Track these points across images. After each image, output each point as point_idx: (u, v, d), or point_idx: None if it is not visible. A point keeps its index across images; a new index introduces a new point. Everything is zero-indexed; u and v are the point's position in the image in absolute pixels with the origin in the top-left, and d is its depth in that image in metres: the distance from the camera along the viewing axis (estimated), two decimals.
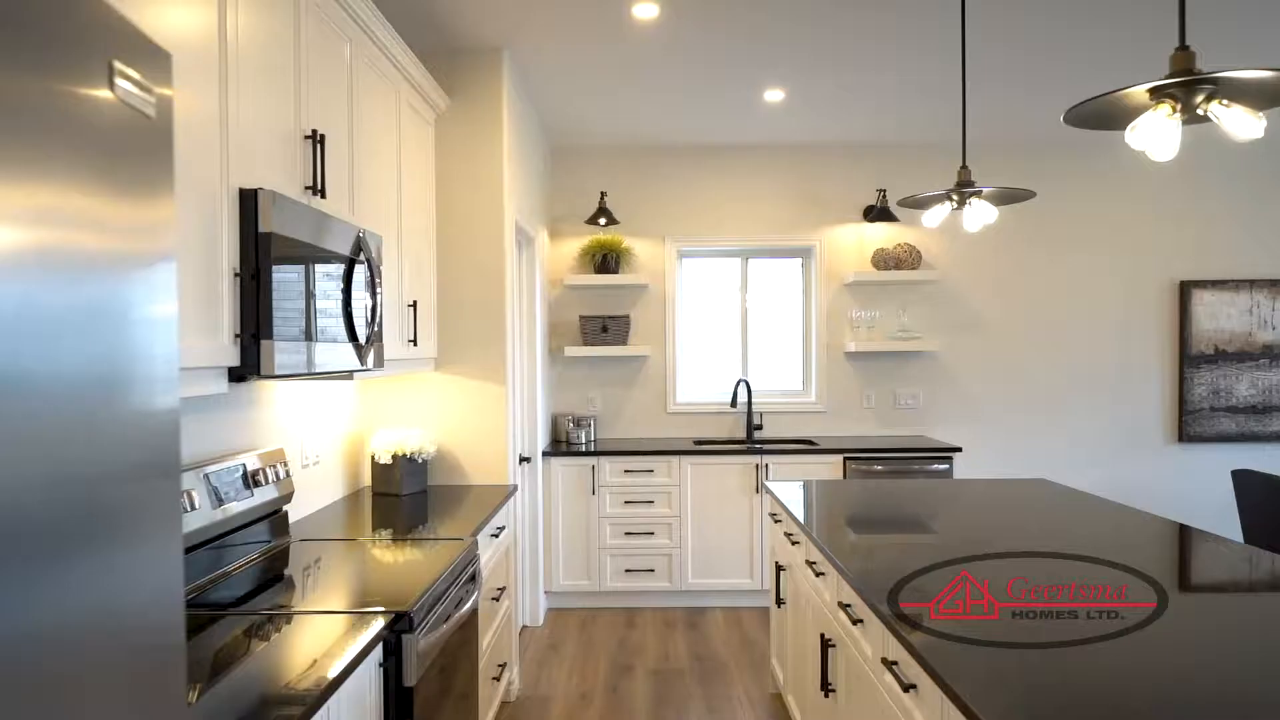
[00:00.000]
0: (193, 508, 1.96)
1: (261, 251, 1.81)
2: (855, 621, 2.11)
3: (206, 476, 2.08)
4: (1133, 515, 2.81)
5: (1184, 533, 2.61)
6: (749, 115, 4.64)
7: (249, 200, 1.80)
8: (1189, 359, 5.26)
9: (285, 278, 1.88)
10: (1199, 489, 5.27)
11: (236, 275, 1.78)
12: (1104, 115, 1.87)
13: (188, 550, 1.96)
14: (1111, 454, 5.32)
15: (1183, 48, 1.77)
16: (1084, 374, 5.33)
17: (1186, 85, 1.72)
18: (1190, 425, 5.27)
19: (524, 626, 4.49)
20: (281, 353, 1.85)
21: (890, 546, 2.48)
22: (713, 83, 4.09)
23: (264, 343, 1.80)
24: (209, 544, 2.06)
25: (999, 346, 5.33)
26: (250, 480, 2.30)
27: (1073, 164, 5.29)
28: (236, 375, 1.82)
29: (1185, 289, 5.28)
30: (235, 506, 2.19)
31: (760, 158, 5.30)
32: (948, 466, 4.70)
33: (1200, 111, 1.74)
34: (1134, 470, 5.31)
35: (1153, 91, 1.77)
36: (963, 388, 5.32)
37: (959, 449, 4.72)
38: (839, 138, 5.12)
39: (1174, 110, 1.75)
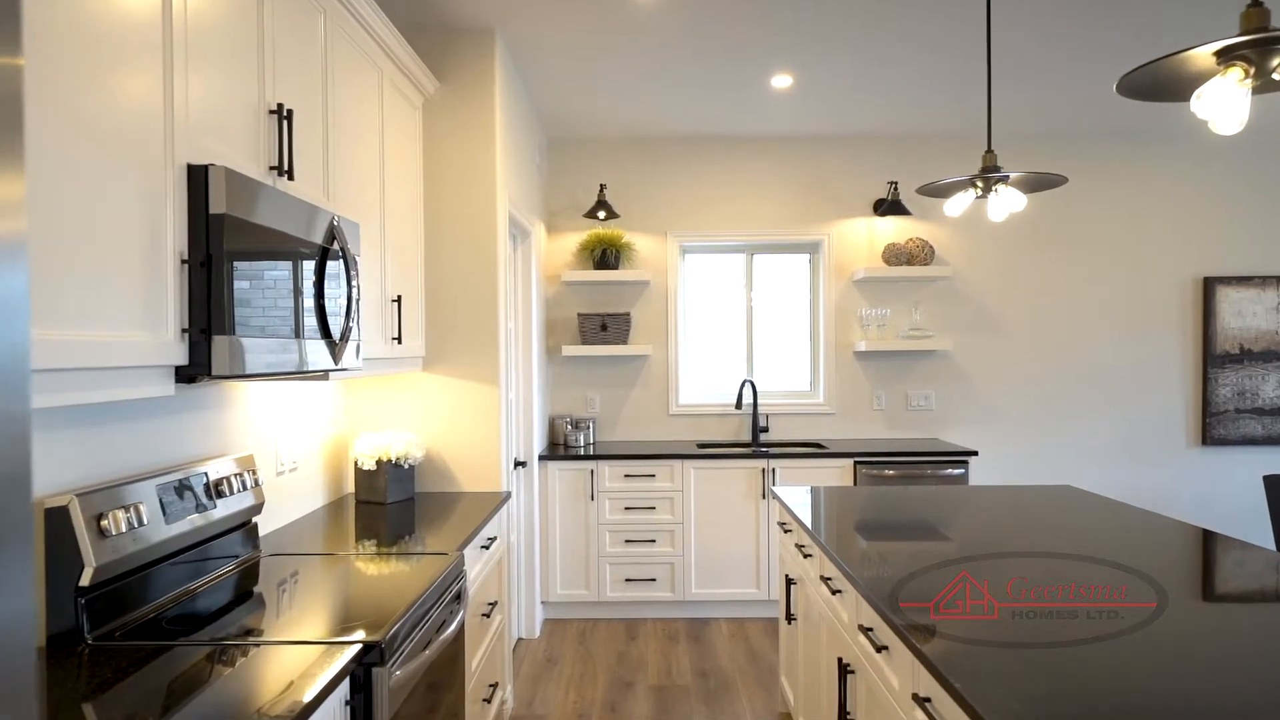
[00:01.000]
0: (140, 523, 1.75)
1: (213, 236, 1.60)
2: (879, 648, 1.91)
3: (160, 488, 1.88)
4: (1170, 524, 2.61)
5: (1209, 538, 2.49)
6: (755, 103, 4.43)
7: (198, 178, 1.59)
8: (1213, 359, 5.05)
9: (243, 266, 1.68)
10: (1224, 494, 5.07)
11: (184, 262, 1.57)
12: (1162, 83, 1.66)
13: (135, 571, 1.76)
14: (1132, 458, 5.11)
15: (1255, 4, 1.56)
16: (1103, 374, 5.12)
17: (1261, 45, 1.51)
18: (1214, 428, 5.05)
19: (519, 639, 4.28)
20: (237, 350, 1.64)
21: (916, 564, 2.27)
22: (717, 67, 3.89)
23: (216, 339, 1.60)
24: (162, 562, 1.85)
25: (1015, 345, 5.12)
26: (213, 490, 2.10)
27: (1091, 156, 5.08)
28: (187, 375, 1.62)
29: (1209, 285, 5.07)
30: (194, 520, 1.98)
31: (766, 149, 5.10)
32: (963, 471, 4.49)
33: (1277, 76, 1.53)
34: (1155, 475, 5.10)
35: (1221, 54, 1.56)
36: (977, 389, 5.12)
37: (975, 453, 4.51)
38: (848, 127, 4.91)
39: (1245, 75, 1.54)
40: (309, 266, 2.02)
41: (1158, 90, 1.70)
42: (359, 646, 1.60)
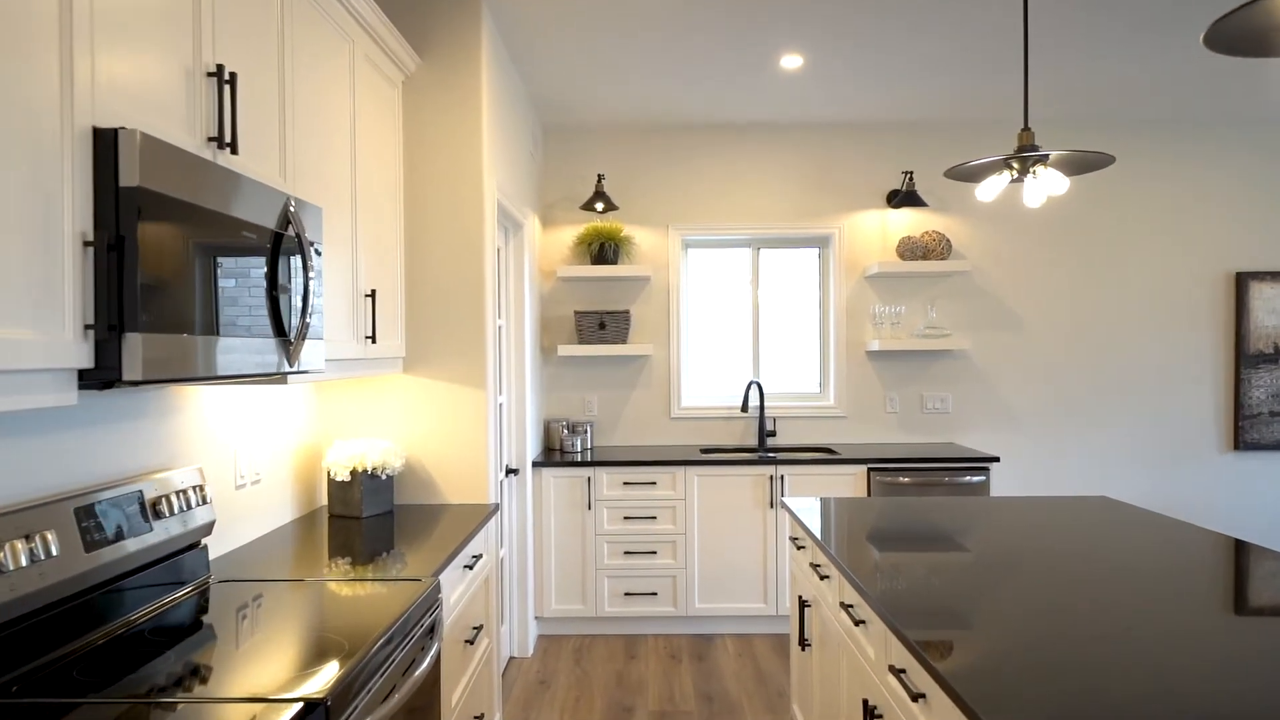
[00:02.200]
0: (49, 554, 1.49)
1: (125, 213, 1.34)
2: (915, 696, 1.64)
3: (80, 511, 1.62)
4: (1218, 539, 2.34)
5: (1240, 548, 2.30)
6: (763, 87, 4.16)
7: (106, 144, 1.33)
8: (1246, 358, 4.78)
9: (166, 250, 1.41)
10: (1258, 502, 4.80)
11: (88, 244, 1.31)
12: (1257, 31, 1.40)
13: (42, 610, 1.49)
14: (1160, 463, 4.84)
15: None
16: (1130, 375, 4.85)
17: None
18: (1247, 431, 4.78)
19: (510, 658, 4.02)
20: (156, 350, 1.38)
21: (958, 601, 2.00)
22: (724, 46, 3.62)
23: (128, 336, 1.33)
24: (80, 598, 1.59)
25: (1037, 344, 4.85)
26: (150, 511, 1.83)
27: (1116, 145, 4.81)
28: (101, 380, 1.36)
29: (1242, 281, 4.79)
30: (125, 546, 1.72)
31: (774, 137, 4.83)
32: (984, 478, 4.22)
33: None
34: (1185, 481, 4.83)
35: None
36: (996, 391, 4.85)
37: (996, 459, 4.24)
38: (860, 114, 4.64)
39: None
40: (260, 253, 1.75)
41: (1253, 41, 1.43)
42: (299, 706, 1.34)
